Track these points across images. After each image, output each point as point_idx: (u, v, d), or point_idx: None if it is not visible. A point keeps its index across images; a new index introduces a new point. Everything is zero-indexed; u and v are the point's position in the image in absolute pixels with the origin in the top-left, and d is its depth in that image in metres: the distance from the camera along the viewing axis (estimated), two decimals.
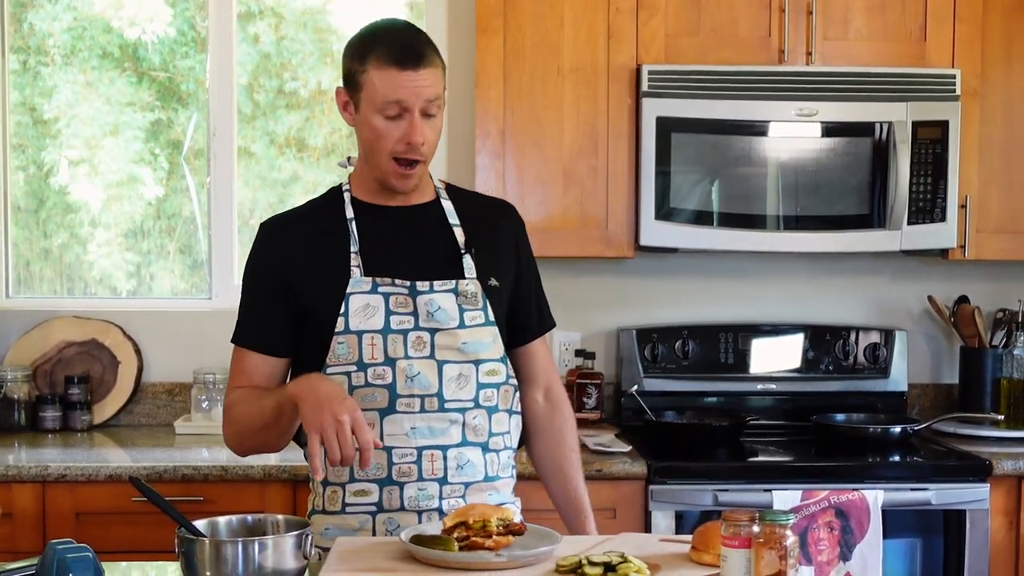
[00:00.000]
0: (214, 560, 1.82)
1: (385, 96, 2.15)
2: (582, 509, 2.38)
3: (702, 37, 3.48)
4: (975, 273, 3.87)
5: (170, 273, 3.98)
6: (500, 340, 2.28)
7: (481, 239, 2.31)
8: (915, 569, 3.26)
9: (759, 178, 3.46)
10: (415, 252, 2.27)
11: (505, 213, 2.43)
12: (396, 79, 2.14)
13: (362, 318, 2.20)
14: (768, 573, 1.69)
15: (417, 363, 2.20)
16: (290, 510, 3.08)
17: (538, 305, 2.43)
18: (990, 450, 3.35)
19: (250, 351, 2.28)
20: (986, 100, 3.53)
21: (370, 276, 2.21)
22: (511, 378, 2.31)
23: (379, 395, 2.19)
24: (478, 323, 2.25)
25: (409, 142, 2.17)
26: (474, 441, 2.24)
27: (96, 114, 3.92)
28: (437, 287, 2.22)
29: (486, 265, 2.29)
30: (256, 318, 2.29)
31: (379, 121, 2.18)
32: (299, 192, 3.95)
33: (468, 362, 2.23)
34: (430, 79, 2.16)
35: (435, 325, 2.21)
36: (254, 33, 3.93)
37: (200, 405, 3.67)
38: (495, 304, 2.28)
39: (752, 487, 3.15)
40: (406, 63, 2.14)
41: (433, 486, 2.20)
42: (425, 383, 2.20)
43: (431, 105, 2.17)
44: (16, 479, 3.07)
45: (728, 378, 3.78)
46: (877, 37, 3.51)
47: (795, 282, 3.92)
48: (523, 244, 2.42)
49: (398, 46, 2.16)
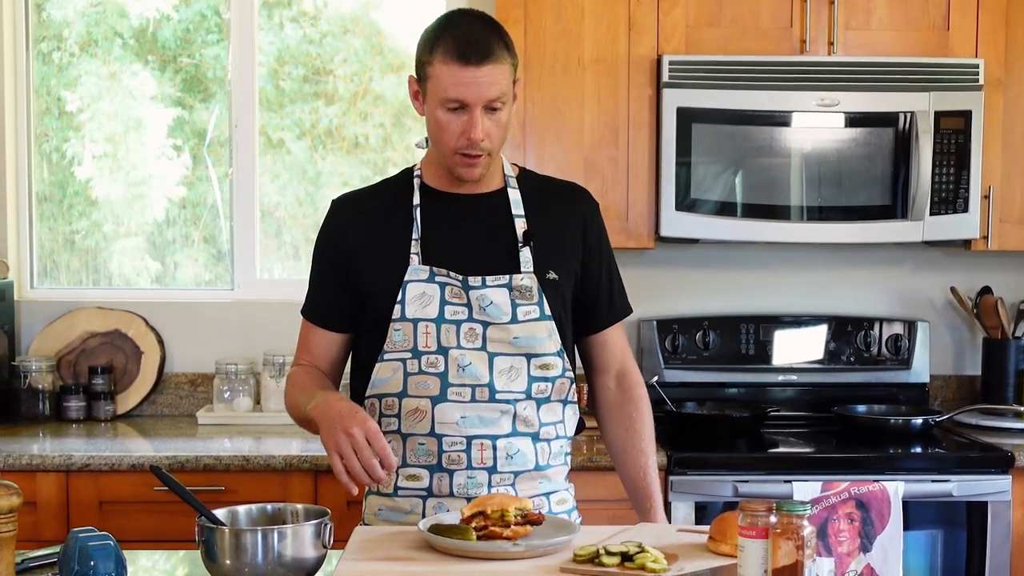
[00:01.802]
0: (234, 548, 1.83)
1: (446, 92, 2.15)
2: (649, 496, 2.35)
3: (723, 27, 3.47)
4: (998, 264, 3.85)
5: (194, 261, 4.00)
6: (557, 334, 2.26)
7: (544, 229, 2.30)
8: (936, 561, 3.25)
9: (781, 169, 3.45)
10: (474, 243, 2.28)
11: (574, 198, 2.39)
12: (458, 76, 2.13)
13: (418, 306, 2.22)
14: (785, 563, 1.69)
15: (469, 354, 2.21)
16: (312, 500, 3.09)
17: (609, 293, 2.39)
18: (1012, 442, 3.34)
19: (313, 325, 2.35)
20: (1010, 90, 3.51)
21: (428, 265, 2.23)
22: (567, 371, 2.29)
23: (431, 383, 2.22)
24: (532, 318, 2.24)
25: (469, 138, 2.17)
26: (524, 431, 2.25)
27: (120, 108, 3.94)
28: (490, 282, 2.23)
29: (546, 257, 2.28)
30: (319, 293, 2.35)
31: (442, 114, 2.18)
32: (327, 186, 3.96)
33: (520, 355, 2.24)
34: (494, 76, 2.14)
35: (487, 319, 2.22)
36: (279, 21, 3.94)
37: (222, 396, 3.69)
38: (552, 298, 2.26)
39: (772, 478, 3.14)
40: (469, 59, 2.13)
41: (482, 474, 2.22)
42: (476, 373, 2.21)
43: (495, 102, 2.16)
44: (40, 468, 3.10)
45: (749, 369, 3.77)
46: (900, 27, 3.49)
47: (816, 273, 3.90)
48: (592, 230, 2.37)
49: (464, 41, 2.14)
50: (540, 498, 2.28)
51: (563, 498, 2.34)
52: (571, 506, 2.36)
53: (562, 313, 2.29)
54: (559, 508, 2.32)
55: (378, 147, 3.97)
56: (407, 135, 3.94)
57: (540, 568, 1.88)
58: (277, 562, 1.83)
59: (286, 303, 3.83)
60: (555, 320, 2.26)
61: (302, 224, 3.99)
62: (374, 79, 3.97)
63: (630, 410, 2.41)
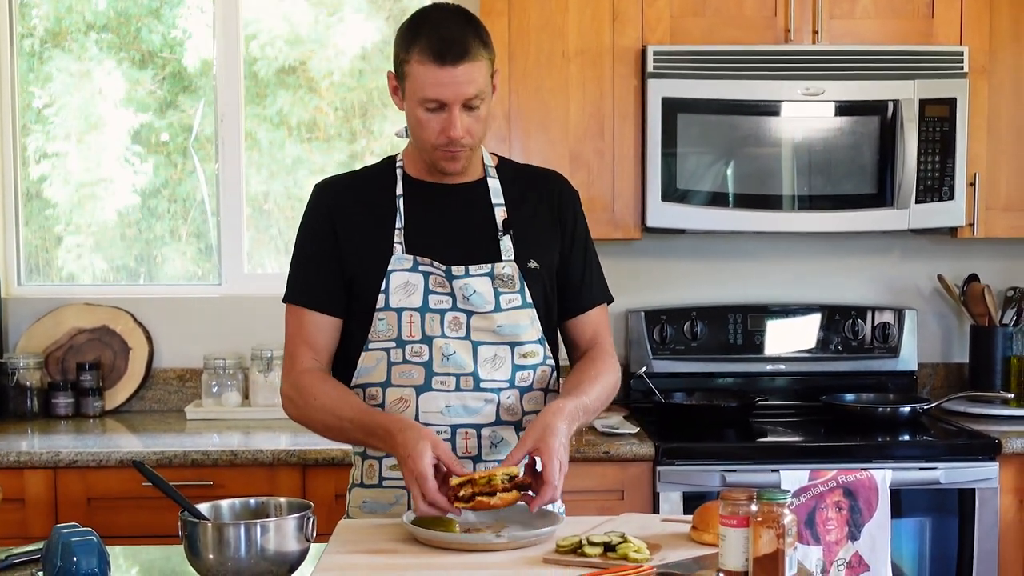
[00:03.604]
0: (216, 543, 1.82)
1: (424, 92, 2.15)
2: (569, 392, 2.22)
3: (708, 17, 3.47)
4: (985, 251, 3.86)
5: (182, 256, 3.99)
6: (538, 321, 2.27)
7: (523, 217, 2.30)
8: (925, 548, 3.25)
9: (765, 159, 3.45)
10: (456, 232, 2.28)
11: (551, 185, 2.38)
12: (436, 76, 2.12)
13: (402, 295, 2.22)
14: (766, 552, 1.69)
15: (453, 343, 2.22)
16: (300, 494, 3.09)
17: (583, 278, 2.36)
18: (1000, 429, 3.35)
19: (304, 309, 2.27)
20: (994, 77, 3.51)
21: (411, 255, 2.24)
22: (549, 359, 2.30)
23: (416, 372, 2.22)
24: (515, 306, 2.25)
25: (449, 136, 2.17)
26: (508, 420, 2.25)
27: (84, 105, 3.93)
28: (473, 271, 2.23)
29: (526, 245, 2.28)
30: (307, 277, 2.29)
31: (421, 113, 2.18)
32: (305, 176, 3.95)
33: (504, 344, 2.24)
34: (471, 74, 2.13)
35: (471, 308, 2.22)
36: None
37: (211, 391, 3.68)
38: (534, 285, 2.27)
39: (760, 468, 3.14)
40: (446, 59, 2.12)
41: (467, 464, 2.22)
42: (460, 363, 2.21)
43: (473, 100, 2.16)
44: (28, 465, 3.09)
45: (737, 359, 3.77)
46: (884, 14, 3.49)
47: (804, 262, 3.90)
48: (569, 216, 2.35)
49: (439, 40, 2.13)
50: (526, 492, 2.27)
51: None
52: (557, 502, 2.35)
53: (544, 301, 2.29)
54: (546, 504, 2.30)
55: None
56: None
57: (523, 559, 1.89)
58: (260, 556, 1.83)
59: (274, 297, 3.75)
60: (537, 308, 2.27)
61: (288, 216, 3.98)
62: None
63: (585, 362, 2.34)
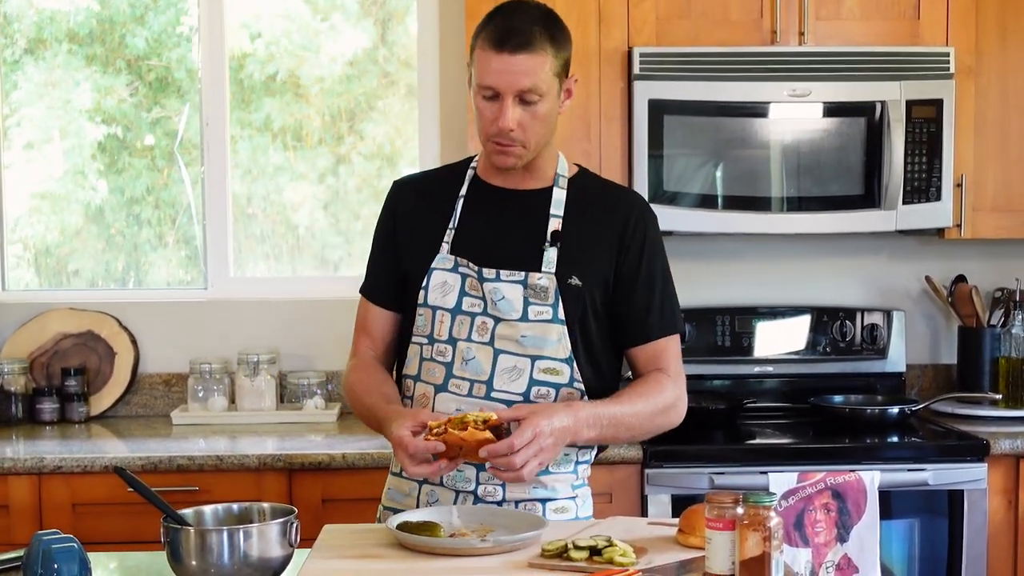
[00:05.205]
0: (199, 549, 1.82)
1: (480, 78, 2.16)
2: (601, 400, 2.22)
3: (693, 19, 3.46)
4: (972, 252, 3.85)
5: (168, 262, 3.97)
6: (567, 339, 2.21)
7: (578, 232, 2.25)
8: (914, 550, 3.25)
9: (753, 160, 3.44)
10: (501, 237, 2.26)
11: (621, 205, 2.31)
12: (491, 62, 2.13)
13: (439, 294, 2.24)
14: (752, 555, 1.69)
15: (475, 347, 2.21)
16: (286, 498, 3.08)
17: (646, 309, 2.29)
18: (988, 430, 3.34)
19: (368, 303, 2.39)
20: (981, 77, 3.51)
21: (453, 255, 2.25)
22: (577, 381, 2.23)
23: (438, 371, 2.24)
24: (543, 319, 2.21)
25: (499, 126, 2.15)
26: None
27: (46, 115, 3.90)
28: (504, 276, 2.21)
29: (571, 261, 2.23)
30: (373, 271, 2.39)
31: (479, 100, 2.19)
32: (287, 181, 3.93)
33: (525, 356, 2.21)
34: (529, 65, 2.12)
35: (498, 314, 2.21)
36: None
37: (197, 395, 3.67)
38: (571, 302, 2.21)
39: (748, 470, 3.14)
40: (503, 46, 2.12)
41: (470, 470, 2.21)
42: (478, 368, 2.21)
43: (528, 94, 2.14)
44: (12, 471, 3.07)
45: (726, 361, 3.76)
46: (870, 15, 3.48)
47: (792, 264, 3.90)
48: (635, 241, 2.26)
49: (503, 27, 2.14)
50: (533, 503, 2.24)
51: (563, 507, 2.27)
52: (571, 516, 2.28)
53: (581, 320, 2.22)
54: (554, 516, 2.24)
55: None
56: None
57: (509, 563, 1.88)
58: (243, 562, 1.82)
59: (260, 302, 3.82)
60: (571, 326, 2.21)
61: (273, 220, 3.96)
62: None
63: (637, 380, 2.31)
